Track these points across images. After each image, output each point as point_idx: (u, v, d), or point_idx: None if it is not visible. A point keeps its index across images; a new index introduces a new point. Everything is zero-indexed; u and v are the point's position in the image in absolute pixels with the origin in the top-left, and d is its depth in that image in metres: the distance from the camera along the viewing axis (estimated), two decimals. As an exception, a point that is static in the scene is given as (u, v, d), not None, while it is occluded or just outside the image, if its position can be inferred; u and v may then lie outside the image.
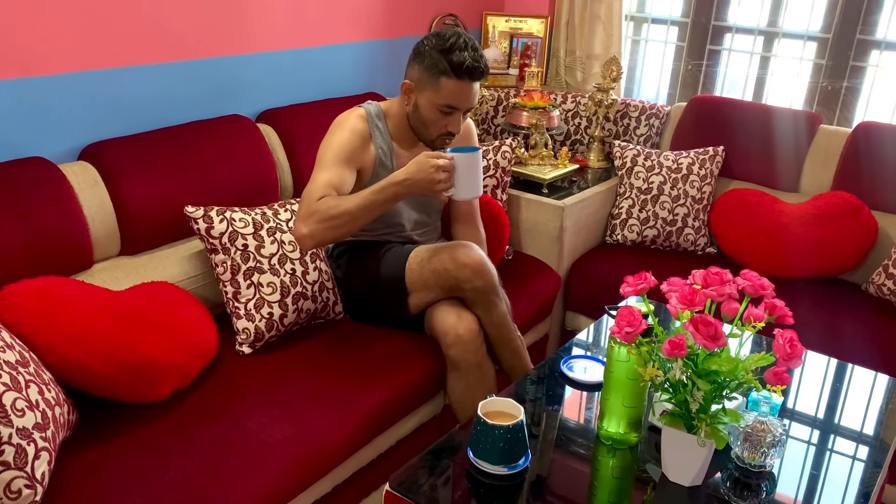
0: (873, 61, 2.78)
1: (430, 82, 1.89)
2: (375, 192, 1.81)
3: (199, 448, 1.55)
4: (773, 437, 1.37)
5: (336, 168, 1.89)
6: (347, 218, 1.80)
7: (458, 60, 1.85)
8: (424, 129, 1.98)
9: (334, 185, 1.85)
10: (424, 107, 1.93)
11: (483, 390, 1.93)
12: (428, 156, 1.77)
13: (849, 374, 1.82)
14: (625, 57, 3.24)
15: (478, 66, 1.87)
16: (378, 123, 2.01)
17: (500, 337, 2.00)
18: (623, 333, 1.28)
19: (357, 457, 1.79)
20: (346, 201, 1.81)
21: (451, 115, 1.93)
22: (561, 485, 1.42)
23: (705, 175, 2.66)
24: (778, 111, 2.71)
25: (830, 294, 2.42)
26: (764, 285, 1.29)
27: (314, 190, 1.83)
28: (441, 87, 1.88)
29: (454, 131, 1.97)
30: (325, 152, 1.92)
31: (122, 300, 1.70)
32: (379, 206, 1.82)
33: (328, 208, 1.79)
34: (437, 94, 1.90)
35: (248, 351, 1.88)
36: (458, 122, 1.95)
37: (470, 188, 1.83)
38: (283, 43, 2.48)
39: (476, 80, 1.90)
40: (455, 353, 1.91)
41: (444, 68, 1.86)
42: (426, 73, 1.90)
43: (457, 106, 1.91)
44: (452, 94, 1.89)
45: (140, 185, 1.95)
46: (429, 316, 1.97)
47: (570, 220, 2.58)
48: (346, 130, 1.94)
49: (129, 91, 2.09)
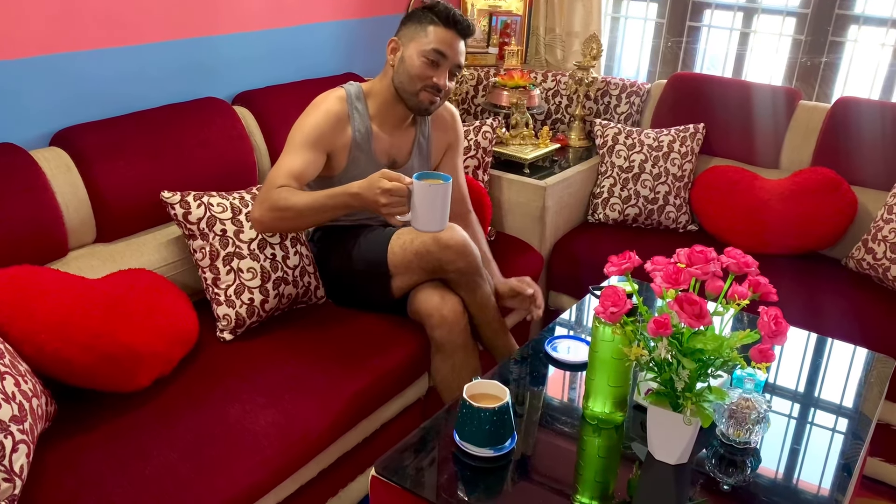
0: (852, 36, 2.78)
1: (418, 31, 1.94)
2: (328, 196, 1.78)
3: (181, 436, 1.53)
4: (758, 414, 1.38)
5: (302, 152, 1.87)
6: (294, 213, 1.78)
7: (443, 10, 1.93)
8: (409, 82, 1.94)
9: (297, 173, 1.84)
10: (411, 57, 1.93)
11: (468, 371, 1.93)
12: (381, 175, 1.70)
13: (829, 349, 1.84)
14: (605, 34, 3.22)
15: (464, 18, 1.94)
16: (357, 105, 1.98)
17: (484, 318, 1.99)
18: (608, 313, 1.27)
19: (342, 441, 1.78)
20: (298, 197, 1.79)
21: (438, 66, 1.93)
22: (547, 465, 1.42)
23: (686, 153, 2.66)
24: (758, 87, 2.71)
25: (811, 269, 2.44)
26: (748, 263, 1.29)
27: (276, 176, 1.83)
28: (428, 33, 1.92)
29: (441, 84, 1.94)
30: (294, 134, 1.90)
31: (99, 288, 1.67)
32: (329, 210, 1.79)
33: (279, 199, 1.78)
34: (424, 40, 1.92)
35: (229, 337, 1.86)
36: (444, 74, 1.94)
37: (427, 220, 1.65)
38: (259, 23, 2.43)
39: (462, 36, 1.95)
40: (440, 335, 1.90)
41: (431, 18, 1.92)
42: (413, 26, 1.95)
43: (444, 52, 1.92)
44: (439, 40, 1.92)
45: (114, 170, 1.91)
46: (412, 298, 1.96)
47: (552, 200, 2.57)
48: (319, 112, 1.92)
49: (101, 74, 2.05)
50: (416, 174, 1.66)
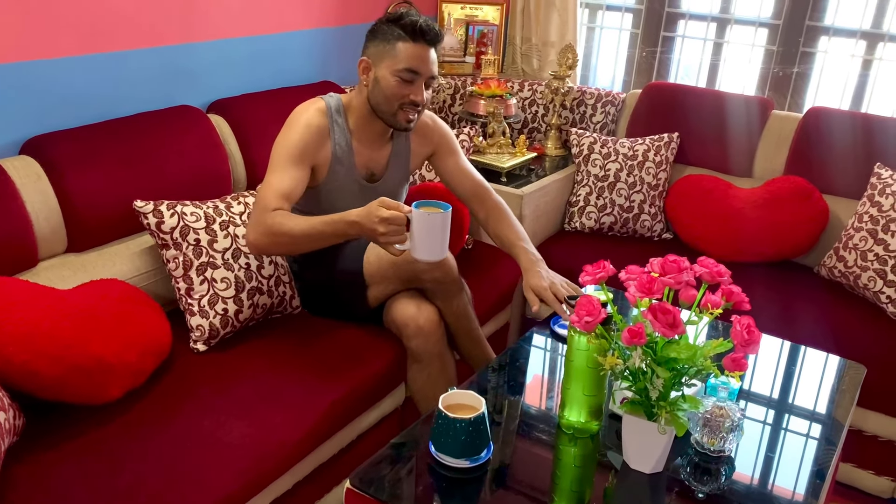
0: (822, 47, 2.82)
1: (387, 50, 1.85)
2: (325, 223, 1.75)
3: (154, 449, 1.51)
4: (732, 422, 1.39)
5: (289, 170, 1.83)
6: (290, 239, 1.76)
7: (410, 22, 1.83)
8: (386, 104, 1.88)
9: (286, 192, 1.80)
10: (384, 78, 1.86)
11: (444, 381, 1.92)
12: (379, 203, 1.67)
13: (802, 357, 1.86)
14: (580, 44, 3.24)
15: (431, 28, 1.85)
16: (337, 118, 1.94)
17: (461, 327, 1.99)
18: (583, 323, 1.28)
19: (318, 452, 1.76)
20: (294, 222, 1.76)
21: (412, 82, 1.86)
22: (524, 475, 1.41)
23: (660, 161, 2.68)
24: (731, 97, 2.75)
25: (784, 277, 2.47)
26: (721, 272, 1.30)
27: (266, 196, 1.78)
28: (398, 51, 1.83)
29: (418, 101, 1.88)
30: (278, 150, 1.85)
31: (70, 299, 1.64)
32: (326, 237, 1.77)
33: (275, 224, 1.75)
34: (394, 59, 1.84)
35: (202, 348, 1.84)
36: (420, 90, 1.88)
37: (425, 248, 1.63)
38: (234, 31, 2.42)
39: (431, 44, 1.86)
40: (416, 345, 1.90)
41: (398, 33, 1.83)
42: (381, 44, 1.86)
43: (416, 69, 1.85)
44: (410, 57, 1.83)
45: (86, 179, 1.89)
46: (388, 308, 1.95)
47: (529, 208, 2.58)
48: (300, 126, 1.87)
49: (73, 82, 2.02)
50: (416, 203, 1.63)
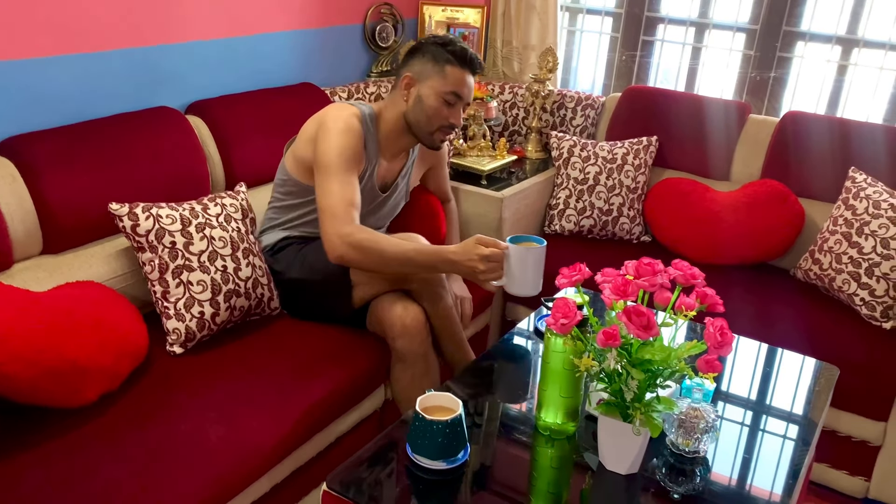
0: (799, 52, 2.85)
1: (436, 70, 1.95)
2: (419, 252, 1.80)
3: (129, 453, 1.50)
4: (706, 424, 1.40)
5: (348, 176, 1.86)
6: (379, 258, 1.80)
7: (460, 49, 1.95)
8: (426, 122, 1.97)
9: (354, 201, 1.86)
10: (428, 97, 1.95)
11: (427, 381, 1.93)
12: (477, 241, 1.75)
13: (776, 358, 1.87)
14: (561, 47, 3.26)
15: (477, 58, 1.98)
16: (371, 128, 2.00)
17: (445, 329, 2.00)
18: (558, 325, 1.28)
19: (295, 455, 1.75)
20: (387, 244, 1.80)
21: (453, 105, 1.97)
22: (501, 476, 1.42)
23: (639, 165, 2.70)
24: (709, 101, 2.77)
25: (761, 279, 2.49)
26: (695, 274, 1.31)
27: (338, 206, 1.81)
28: (447, 74, 1.94)
29: (456, 123, 2.00)
30: (331, 156, 1.86)
31: (44, 301, 1.62)
32: (414, 265, 1.83)
33: (367, 240, 1.79)
34: (443, 81, 1.94)
35: (179, 351, 1.83)
36: (459, 114, 1.99)
37: (522, 284, 1.67)
38: (213, 32, 2.41)
39: (474, 73, 1.99)
40: (401, 345, 1.90)
41: (448, 58, 1.94)
42: (429, 63, 1.96)
43: (461, 95, 1.96)
44: (457, 82, 1.95)
45: (62, 180, 1.87)
46: (374, 308, 1.95)
47: (509, 211, 2.59)
48: (350, 132, 1.89)
49: (49, 83, 2.00)
50: (510, 238, 1.67)
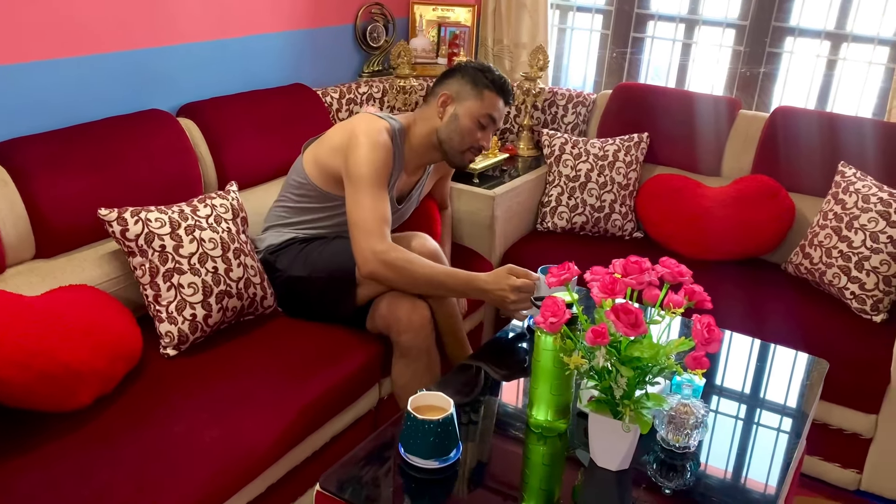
0: (788, 48, 2.87)
1: (475, 93, 2.00)
2: (450, 276, 1.86)
3: (124, 455, 1.50)
4: (696, 419, 1.41)
5: (380, 192, 1.90)
6: (410, 280, 1.86)
7: (499, 77, 2.03)
8: (459, 141, 2.02)
9: (387, 217, 1.89)
10: (464, 116, 2.00)
11: (429, 377, 1.95)
12: (508, 270, 1.80)
13: (767, 352, 1.89)
14: (551, 45, 3.26)
15: (511, 90, 2.07)
16: (399, 142, 2.03)
17: (449, 327, 2.04)
18: (548, 323, 1.29)
19: (290, 456, 1.76)
20: (419, 266, 1.85)
21: (486, 129, 2.04)
22: (493, 474, 1.43)
23: (631, 161, 2.71)
24: (699, 97, 2.78)
25: (752, 274, 2.50)
26: (682, 272, 1.32)
27: (371, 222, 1.85)
28: (485, 97, 2.00)
29: (486, 147, 2.07)
30: (365, 170, 1.89)
31: (38, 305, 1.63)
32: (443, 288, 1.88)
33: (400, 260, 1.84)
34: (480, 103, 2.00)
35: (173, 353, 1.83)
36: (489, 137, 2.07)
37: None
38: (203, 34, 2.41)
39: (507, 100, 2.06)
40: (406, 340, 1.92)
41: (487, 83, 2.01)
42: (469, 84, 2.01)
43: (495, 119, 2.04)
44: (493, 106, 2.02)
45: (54, 184, 1.88)
46: (378, 304, 1.96)
47: (501, 209, 2.60)
48: (382, 149, 1.92)
49: (40, 86, 2.01)
50: (541, 268, 1.70)
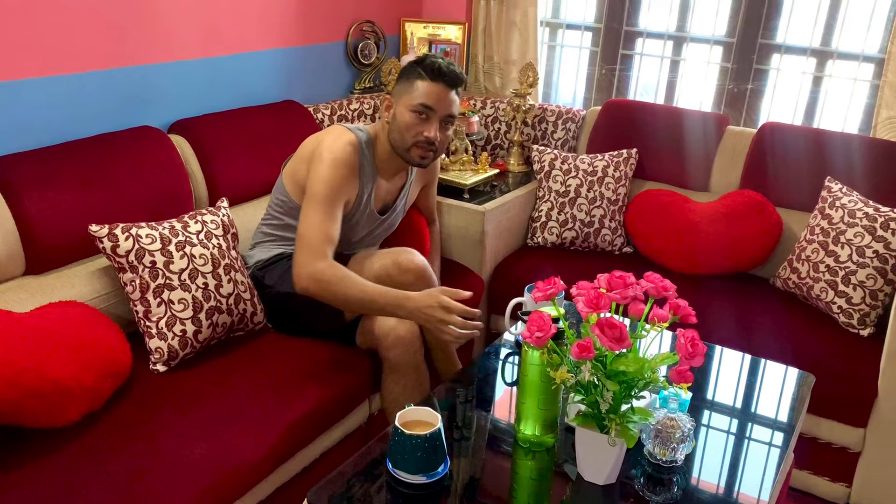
0: (775, 64, 2.90)
1: (407, 86, 1.98)
2: (382, 295, 1.84)
3: (111, 472, 1.50)
4: (683, 433, 1.42)
5: (333, 211, 1.91)
6: (343, 298, 1.86)
7: (430, 64, 1.96)
8: (401, 138, 1.99)
9: (333, 236, 1.90)
10: (401, 113, 1.98)
11: (419, 392, 1.96)
12: (441, 291, 1.81)
13: (754, 366, 1.90)
14: (541, 62, 3.29)
15: (451, 70, 1.97)
16: (367, 153, 2.03)
17: (438, 341, 2.05)
18: (534, 338, 1.30)
19: (280, 472, 1.76)
20: (349, 285, 1.84)
21: (427, 119, 1.97)
22: (481, 489, 1.43)
23: (620, 177, 2.73)
24: (688, 113, 2.81)
25: (741, 289, 2.52)
26: (666, 286, 1.34)
27: (316, 238, 1.86)
28: (415, 87, 1.96)
29: (430, 137, 1.98)
30: (319, 187, 1.91)
31: (27, 322, 1.63)
32: (376, 309, 1.87)
33: (334, 278, 1.84)
34: (411, 95, 1.96)
35: (162, 369, 1.83)
36: (434, 128, 1.98)
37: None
38: (195, 51, 2.43)
39: (451, 87, 1.97)
40: (395, 355, 1.92)
41: (419, 73, 1.96)
42: (403, 80, 2.00)
43: (431, 106, 1.95)
44: (426, 94, 1.95)
45: (45, 201, 1.88)
46: (367, 320, 1.97)
47: (492, 224, 2.61)
48: (341, 165, 1.93)
49: (32, 104, 2.02)
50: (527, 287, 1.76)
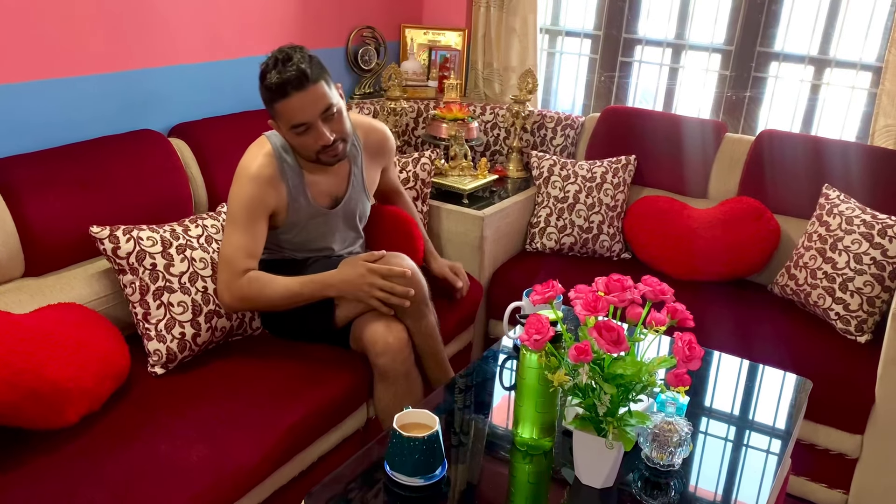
0: (773, 72, 2.91)
1: (273, 112, 1.87)
2: (305, 283, 1.88)
3: (109, 474, 1.50)
4: (680, 437, 1.42)
5: (249, 227, 1.90)
6: (268, 303, 1.90)
7: (270, 83, 1.80)
8: (303, 152, 1.93)
9: (252, 250, 1.90)
10: (287, 135, 1.90)
11: (410, 399, 1.94)
12: (365, 258, 1.83)
13: (752, 372, 1.90)
14: (541, 69, 3.31)
15: (289, 74, 1.78)
16: (286, 157, 1.96)
17: (428, 348, 2.02)
18: (532, 341, 1.31)
19: (277, 475, 1.76)
20: (271, 288, 1.87)
21: (308, 130, 1.85)
22: (479, 492, 1.43)
23: (618, 183, 2.74)
24: (686, 120, 2.82)
25: (739, 295, 2.52)
26: (664, 290, 1.34)
27: (234, 257, 1.88)
28: (277, 113, 1.85)
29: (325, 142, 1.87)
30: (234, 206, 1.91)
31: (26, 323, 1.63)
32: (304, 299, 1.90)
33: (252, 291, 1.87)
34: (281, 119, 1.86)
35: (161, 372, 1.84)
36: (321, 133, 1.86)
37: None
38: (195, 55, 2.44)
39: (301, 88, 1.80)
40: (384, 363, 1.91)
41: (269, 96, 1.83)
42: (267, 107, 1.88)
43: (303, 121, 1.83)
44: (289, 113, 1.82)
45: (45, 203, 1.89)
46: (357, 326, 1.97)
47: (491, 230, 2.62)
48: (252, 180, 1.89)
49: (31, 107, 2.02)
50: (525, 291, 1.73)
